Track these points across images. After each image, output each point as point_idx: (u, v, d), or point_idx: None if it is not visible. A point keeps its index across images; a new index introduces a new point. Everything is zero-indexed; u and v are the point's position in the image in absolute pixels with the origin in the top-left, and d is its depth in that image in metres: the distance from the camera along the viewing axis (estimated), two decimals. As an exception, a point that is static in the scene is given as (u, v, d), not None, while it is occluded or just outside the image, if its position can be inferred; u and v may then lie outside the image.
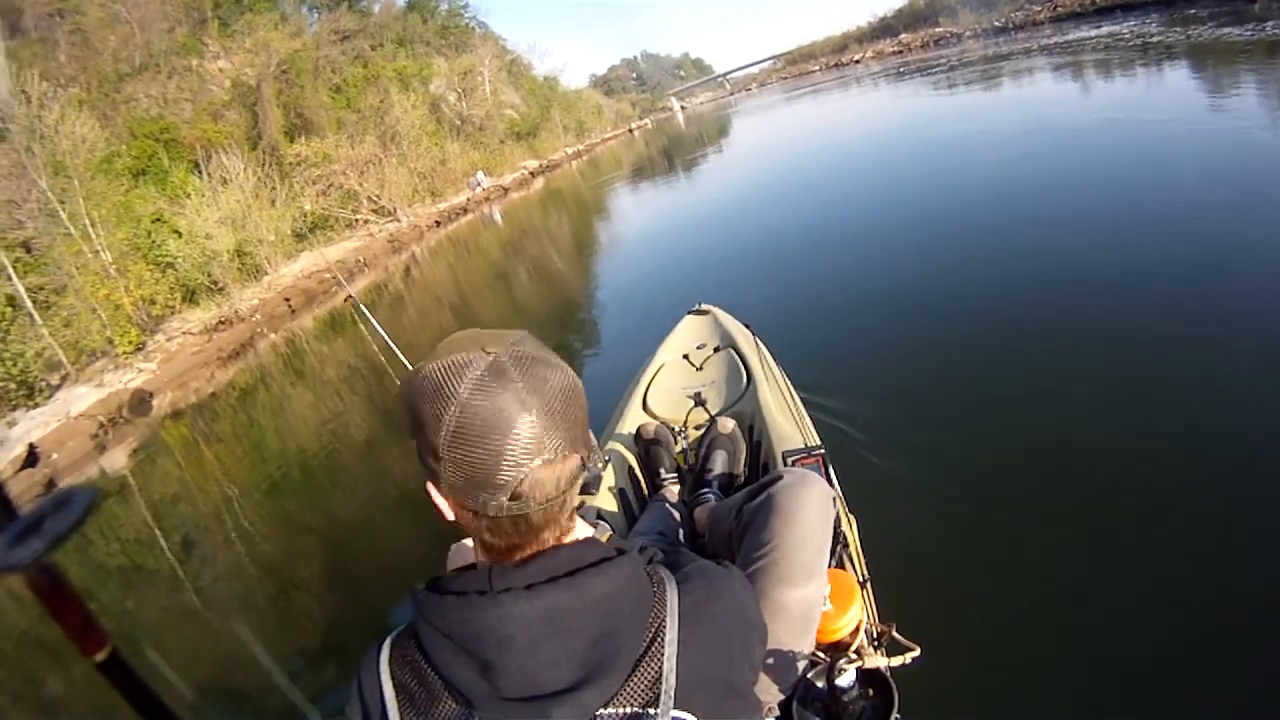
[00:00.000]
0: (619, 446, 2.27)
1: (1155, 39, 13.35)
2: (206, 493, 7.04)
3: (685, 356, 2.90)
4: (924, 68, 26.02)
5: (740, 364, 2.66)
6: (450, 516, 0.74)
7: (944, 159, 9.44)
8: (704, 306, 3.31)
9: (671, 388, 2.68)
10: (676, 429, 2.30)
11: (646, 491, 2.17)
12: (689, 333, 3.13)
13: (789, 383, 2.62)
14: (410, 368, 0.74)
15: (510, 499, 0.68)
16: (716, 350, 2.85)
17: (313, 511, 5.51)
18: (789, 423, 2.19)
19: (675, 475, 2.10)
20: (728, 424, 2.12)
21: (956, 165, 8.83)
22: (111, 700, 0.62)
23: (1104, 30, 17.62)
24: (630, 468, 2.21)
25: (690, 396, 2.50)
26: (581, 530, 0.81)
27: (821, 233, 7.68)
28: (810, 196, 10.06)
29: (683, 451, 2.23)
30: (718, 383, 2.63)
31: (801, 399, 2.61)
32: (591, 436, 0.76)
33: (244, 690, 3.47)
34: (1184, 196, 5.07)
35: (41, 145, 15.76)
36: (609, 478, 2.11)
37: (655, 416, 2.46)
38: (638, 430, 2.25)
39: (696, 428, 2.32)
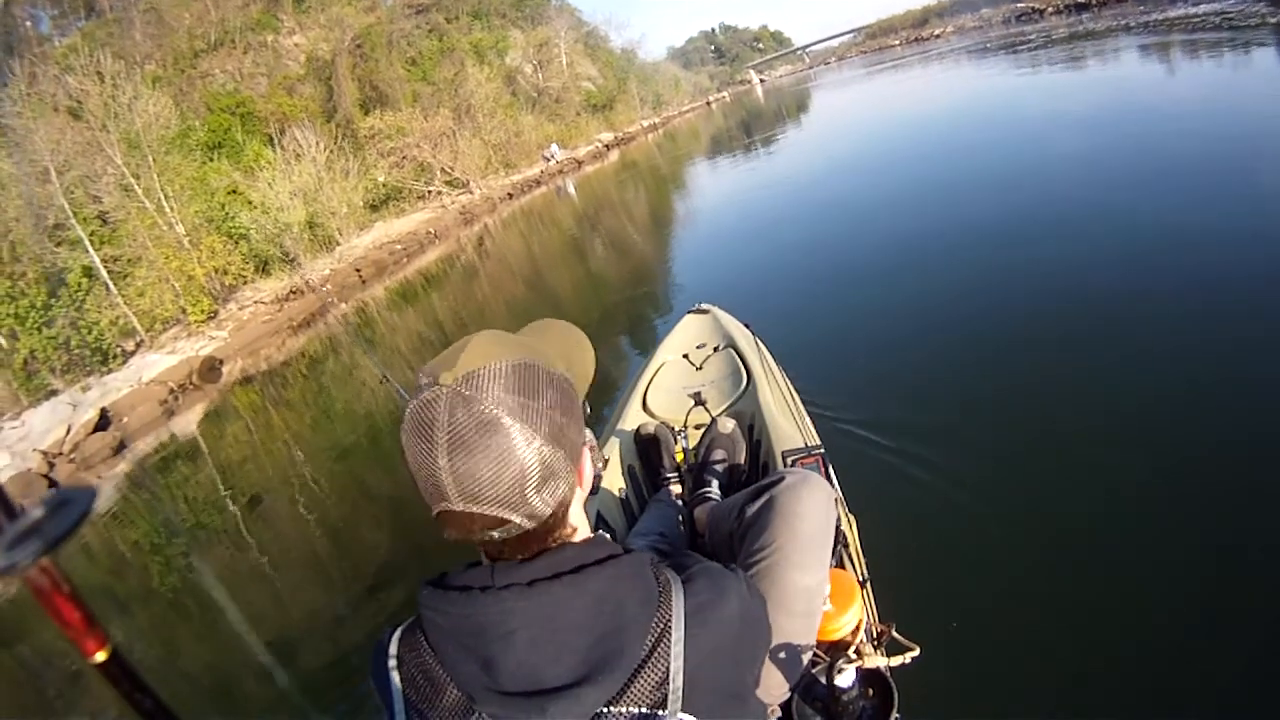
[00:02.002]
0: (619, 446, 2.27)
1: (1273, 20, 11.47)
2: (273, 455, 7.30)
3: (685, 356, 2.91)
4: (1008, 45, 24.67)
5: (740, 364, 2.67)
6: None
7: (976, 157, 8.94)
8: (704, 306, 3.31)
9: (671, 387, 2.70)
10: (676, 429, 2.29)
11: (646, 492, 2.16)
12: (689, 332, 3.14)
13: (789, 383, 2.62)
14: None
15: (439, 521, 0.72)
16: (716, 350, 2.86)
17: (373, 482, 5.49)
18: (789, 422, 2.20)
19: (675, 475, 2.10)
20: (728, 424, 2.12)
21: (987, 164, 8.34)
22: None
23: (1203, 9, 15.44)
24: (630, 467, 2.21)
25: (690, 396, 2.50)
26: (588, 530, 0.81)
27: (825, 231, 7.56)
28: (822, 194, 9.89)
29: (683, 451, 2.20)
30: (718, 382, 2.63)
31: (801, 399, 2.61)
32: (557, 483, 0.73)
33: (259, 682, 3.39)
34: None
35: (116, 122, 16.33)
36: (609, 478, 2.11)
37: (655, 416, 2.48)
38: (638, 430, 2.25)
39: (696, 427, 2.32)
